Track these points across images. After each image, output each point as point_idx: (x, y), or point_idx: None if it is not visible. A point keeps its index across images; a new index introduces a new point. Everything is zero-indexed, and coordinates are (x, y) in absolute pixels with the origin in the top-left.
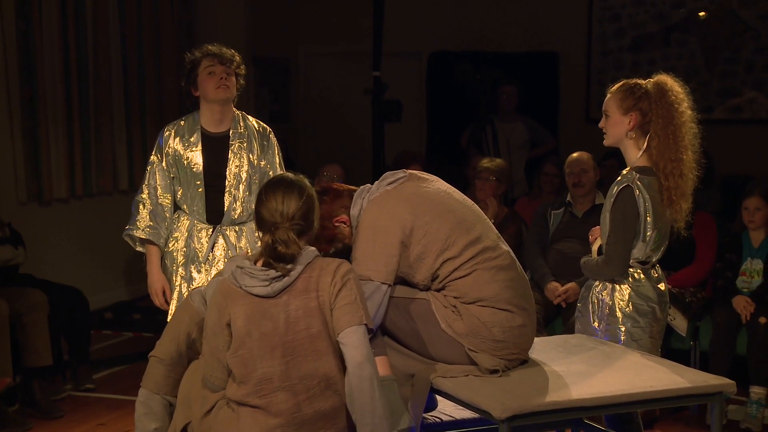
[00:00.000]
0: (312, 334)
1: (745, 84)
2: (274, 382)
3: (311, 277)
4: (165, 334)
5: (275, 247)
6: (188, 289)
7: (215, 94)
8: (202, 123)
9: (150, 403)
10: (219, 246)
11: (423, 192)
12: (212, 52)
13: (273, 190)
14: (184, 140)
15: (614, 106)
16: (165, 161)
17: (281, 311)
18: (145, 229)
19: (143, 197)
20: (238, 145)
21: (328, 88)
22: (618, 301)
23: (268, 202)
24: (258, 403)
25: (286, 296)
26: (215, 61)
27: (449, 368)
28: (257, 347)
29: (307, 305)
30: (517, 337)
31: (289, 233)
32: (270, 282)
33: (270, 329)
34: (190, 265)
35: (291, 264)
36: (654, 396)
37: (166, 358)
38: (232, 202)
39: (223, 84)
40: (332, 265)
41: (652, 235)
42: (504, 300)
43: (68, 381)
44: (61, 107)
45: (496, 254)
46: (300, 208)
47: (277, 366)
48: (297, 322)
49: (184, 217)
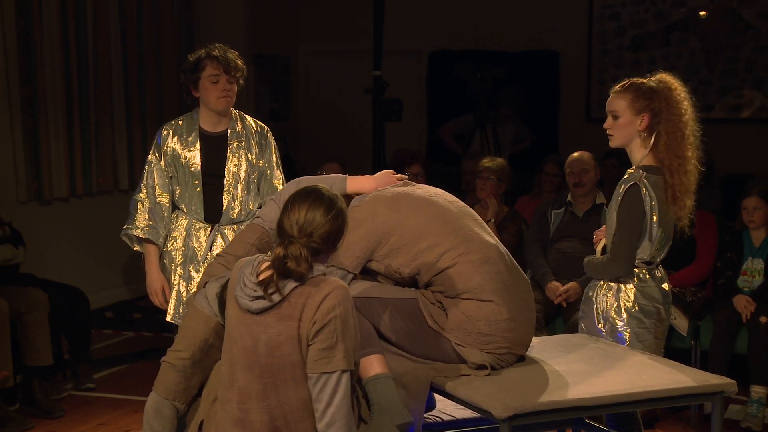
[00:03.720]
0: (294, 361)
1: (745, 83)
2: (251, 398)
3: (297, 304)
4: (179, 341)
5: (285, 261)
6: (187, 288)
7: (216, 104)
8: (201, 123)
9: (160, 408)
10: (217, 245)
11: (406, 191)
12: (217, 57)
13: (300, 201)
14: (182, 139)
15: (624, 107)
16: (163, 160)
17: (262, 332)
18: (144, 228)
19: (141, 196)
20: (236, 144)
21: (328, 87)
22: (623, 301)
23: (291, 213)
24: (238, 414)
25: (270, 317)
26: (220, 69)
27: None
28: (239, 357)
29: (290, 333)
30: (505, 330)
31: (302, 250)
32: (254, 299)
33: (249, 346)
34: (189, 264)
35: (297, 283)
36: (654, 396)
37: (178, 365)
38: (231, 202)
39: (225, 95)
40: (320, 294)
41: (658, 234)
42: (489, 291)
43: (69, 380)
44: (61, 107)
45: (479, 246)
46: (323, 226)
47: (255, 384)
48: (279, 347)
49: (183, 217)
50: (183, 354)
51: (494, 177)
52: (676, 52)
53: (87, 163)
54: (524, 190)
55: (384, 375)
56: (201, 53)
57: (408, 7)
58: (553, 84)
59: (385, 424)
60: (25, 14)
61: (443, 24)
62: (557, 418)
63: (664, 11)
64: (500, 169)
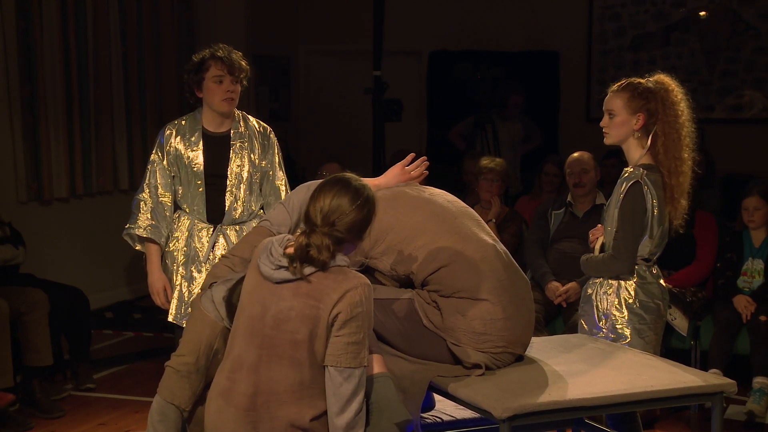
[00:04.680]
0: (296, 339)
1: (745, 83)
2: (243, 367)
3: (320, 285)
4: (183, 346)
5: (307, 249)
6: (188, 288)
7: (220, 106)
8: (204, 123)
9: (165, 411)
10: (219, 245)
11: (405, 190)
12: (222, 58)
13: (327, 189)
14: (185, 139)
15: (621, 106)
16: (166, 160)
17: (275, 302)
18: (147, 228)
19: (144, 196)
20: (239, 144)
21: (328, 87)
22: (624, 298)
23: (317, 200)
24: (225, 384)
25: (286, 290)
26: (225, 71)
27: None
28: (242, 325)
29: (303, 311)
30: (501, 330)
31: (324, 239)
32: (277, 268)
33: (257, 314)
34: (191, 264)
35: (316, 269)
36: (654, 396)
37: (182, 371)
38: (233, 202)
39: (229, 97)
40: (346, 284)
41: (657, 231)
42: (485, 290)
43: (69, 380)
44: (61, 107)
45: (476, 245)
46: (347, 215)
47: (251, 354)
48: (286, 321)
49: (185, 217)
50: (187, 359)
51: (498, 179)
52: (676, 52)
53: (87, 163)
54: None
55: (383, 374)
56: (205, 53)
57: (408, 7)
58: (553, 84)
59: (383, 423)
60: (25, 14)
61: (443, 24)
62: (557, 418)
63: (664, 12)
64: (502, 170)
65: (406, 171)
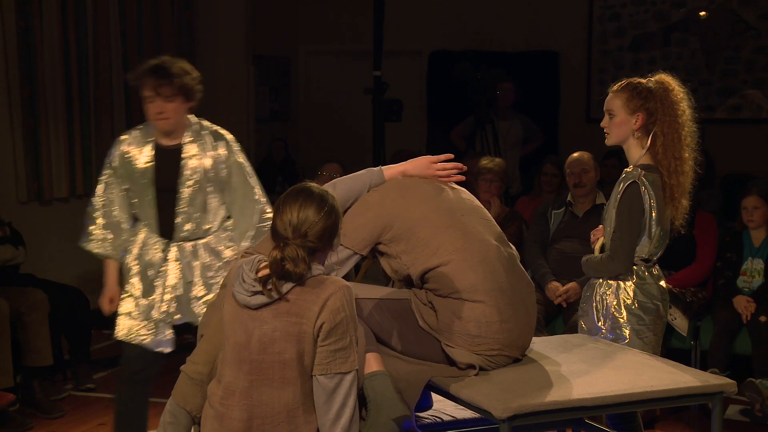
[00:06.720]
0: (284, 360)
1: (746, 83)
2: (235, 395)
3: (299, 301)
4: (198, 353)
5: (283, 264)
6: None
7: (155, 125)
8: (155, 134)
9: (177, 415)
10: (172, 258)
11: (421, 180)
12: (149, 79)
13: (291, 201)
14: (136, 152)
15: (620, 106)
16: (118, 173)
17: (257, 327)
18: (98, 242)
19: (96, 208)
20: (191, 157)
21: (328, 87)
22: (623, 299)
23: (283, 214)
24: (219, 409)
25: (266, 313)
26: (153, 93)
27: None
28: (230, 352)
29: (287, 329)
30: (496, 332)
31: (299, 251)
32: (253, 294)
33: (242, 342)
34: (144, 276)
35: (293, 284)
36: (654, 396)
37: (196, 379)
38: (185, 219)
39: (161, 118)
40: (324, 292)
41: (656, 231)
42: (482, 291)
43: (69, 380)
44: (61, 107)
45: (478, 245)
46: (316, 224)
47: (242, 381)
48: (272, 343)
49: (142, 230)
50: (201, 368)
51: (498, 179)
52: (677, 52)
53: (87, 164)
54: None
55: (380, 372)
56: (139, 70)
57: (408, 8)
58: (553, 84)
59: (382, 420)
60: (25, 14)
61: (443, 24)
62: (557, 418)
63: (664, 12)
64: (502, 170)
65: (432, 167)
